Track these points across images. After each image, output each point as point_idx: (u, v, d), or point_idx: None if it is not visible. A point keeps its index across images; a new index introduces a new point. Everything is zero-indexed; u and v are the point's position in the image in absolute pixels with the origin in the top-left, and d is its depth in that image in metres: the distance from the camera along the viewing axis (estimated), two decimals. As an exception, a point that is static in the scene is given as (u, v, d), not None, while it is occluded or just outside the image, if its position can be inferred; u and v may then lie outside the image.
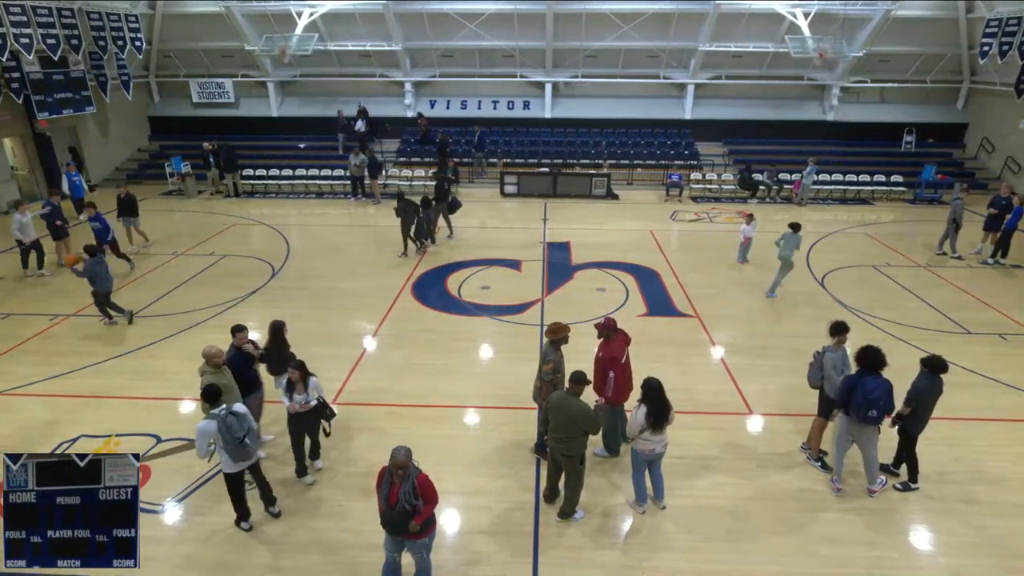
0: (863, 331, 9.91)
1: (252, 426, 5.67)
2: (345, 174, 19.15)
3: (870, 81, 21.30)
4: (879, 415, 6.00)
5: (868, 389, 5.89)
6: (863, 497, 6.45)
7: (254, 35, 20.57)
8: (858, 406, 5.97)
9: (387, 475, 4.72)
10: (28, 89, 16.74)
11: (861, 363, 6.05)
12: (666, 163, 20.94)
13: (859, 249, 14.58)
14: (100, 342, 9.74)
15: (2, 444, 7.18)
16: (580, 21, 19.84)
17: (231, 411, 5.49)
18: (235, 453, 5.50)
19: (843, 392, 6.12)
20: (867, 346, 6.09)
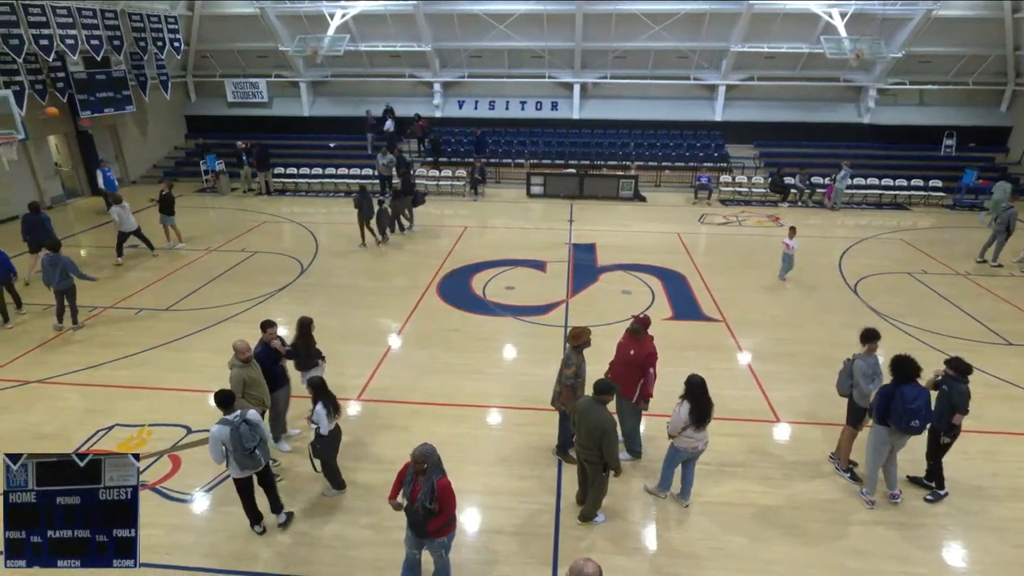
0: (896, 339, 9.64)
1: (264, 436, 5.65)
2: (374, 173, 19.37)
3: (909, 83, 20.70)
4: (921, 425, 5.85)
5: (908, 399, 5.72)
6: (893, 509, 6.28)
7: (287, 36, 20.97)
8: (899, 416, 5.79)
9: (410, 471, 4.76)
10: (72, 88, 17.38)
11: (896, 373, 5.88)
12: (695, 165, 20.68)
13: (894, 255, 14.19)
14: (135, 334, 10.02)
15: (41, 431, 7.47)
16: (610, 21, 19.73)
17: (245, 419, 5.46)
18: (243, 462, 5.50)
19: (880, 403, 5.95)
20: (900, 356, 5.93)
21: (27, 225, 12.07)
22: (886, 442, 6.09)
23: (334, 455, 6.34)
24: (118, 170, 20.08)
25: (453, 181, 20.06)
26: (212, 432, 5.44)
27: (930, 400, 5.86)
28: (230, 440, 5.40)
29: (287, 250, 14.32)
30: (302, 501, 6.39)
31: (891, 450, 6.16)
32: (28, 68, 15.98)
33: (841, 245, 14.84)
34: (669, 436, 6.06)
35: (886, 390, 5.92)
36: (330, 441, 6.19)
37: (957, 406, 6.07)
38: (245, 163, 19.96)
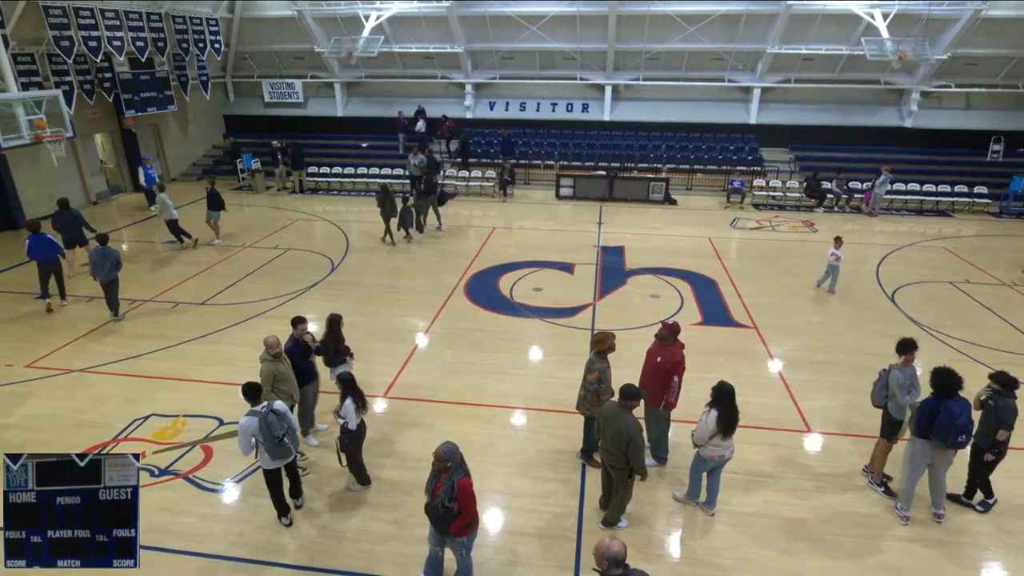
0: (936, 351, 9.32)
1: (292, 425, 5.77)
2: (405, 173, 19.57)
3: (954, 86, 19.99)
4: (967, 440, 5.66)
5: (955, 414, 5.51)
6: (930, 526, 6.07)
7: (323, 37, 21.35)
8: (945, 432, 5.58)
9: (434, 468, 4.81)
10: (118, 88, 18.02)
11: (938, 387, 5.67)
12: (728, 168, 20.35)
13: (935, 264, 13.72)
14: (173, 327, 10.32)
15: (82, 419, 7.75)
16: (643, 23, 19.56)
17: (272, 409, 5.57)
18: (273, 451, 5.61)
19: (923, 418, 5.73)
20: (941, 368, 5.72)
21: (61, 222, 12.05)
22: (926, 456, 5.89)
23: (359, 451, 6.42)
24: (159, 168, 20.74)
25: (482, 182, 20.14)
26: (241, 424, 5.56)
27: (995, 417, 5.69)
28: (259, 430, 5.52)
29: (318, 248, 14.57)
30: (328, 495, 6.49)
31: (931, 465, 5.96)
32: (77, 69, 16.64)
33: (879, 252, 14.42)
34: (695, 445, 5.97)
35: (929, 405, 5.71)
36: (356, 436, 6.28)
37: (1003, 422, 5.83)
38: (280, 162, 20.41)
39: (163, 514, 6.17)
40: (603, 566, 3.83)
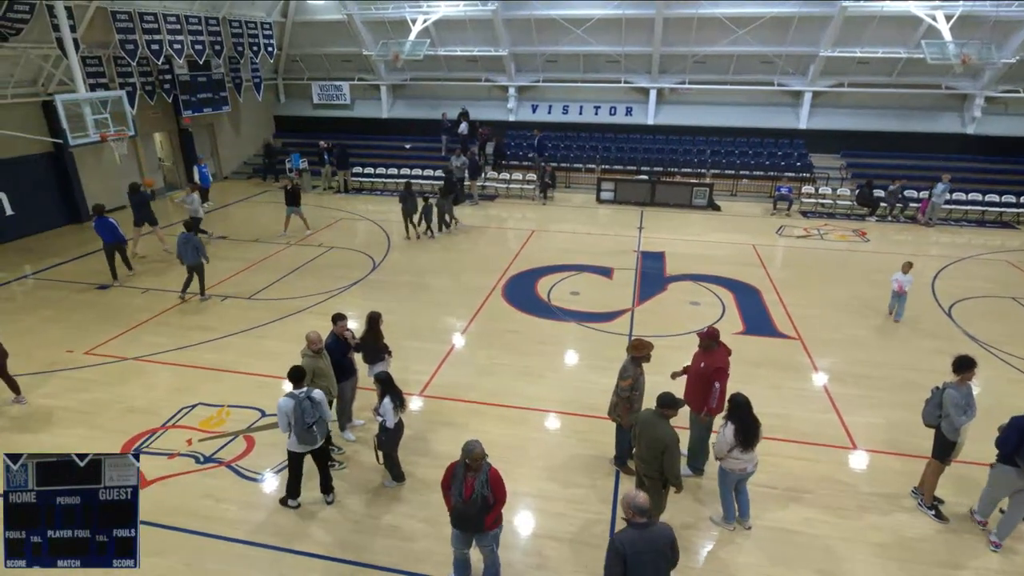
0: (997, 370, 8.85)
1: (325, 416, 5.99)
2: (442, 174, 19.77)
3: (1022, 91, 18.95)
4: None
5: None
6: (988, 558, 5.73)
7: (371, 41, 21.80)
8: None
9: (459, 469, 4.81)
10: (177, 90, 18.83)
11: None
12: (775, 175, 19.81)
13: (997, 278, 13.02)
14: (220, 320, 10.70)
15: (133, 405, 8.11)
16: (691, 25, 19.23)
17: (309, 396, 5.82)
18: (302, 436, 5.85)
19: (1012, 436, 5.43)
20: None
21: (132, 202, 13.70)
22: (1011, 484, 5.57)
23: (395, 448, 6.52)
24: (213, 166, 21.56)
25: (523, 184, 20.17)
26: (279, 404, 5.81)
27: None
28: (292, 413, 5.74)
29: (361, 246, 14.87)
30: (363, 490, 6.60)
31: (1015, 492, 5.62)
32: (140, 71, 17.48)
33: (935, 264, 13.78)
34: (716, 458, 5.85)
35: (1021, 422, 5.39)
36: (394, 434, 6.38)
37: None
38: (326, 162, 20.93)
39: (206, 500, 6.40)
40: (628, 514, 4.18)
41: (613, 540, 4.19)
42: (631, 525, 4.17)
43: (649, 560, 4.11)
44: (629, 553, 4.06)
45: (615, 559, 4.10)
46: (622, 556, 4.06)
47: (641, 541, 4.10)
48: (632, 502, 4.15)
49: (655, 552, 4.13)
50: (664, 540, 4.19)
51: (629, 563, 4.05)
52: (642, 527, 4.14)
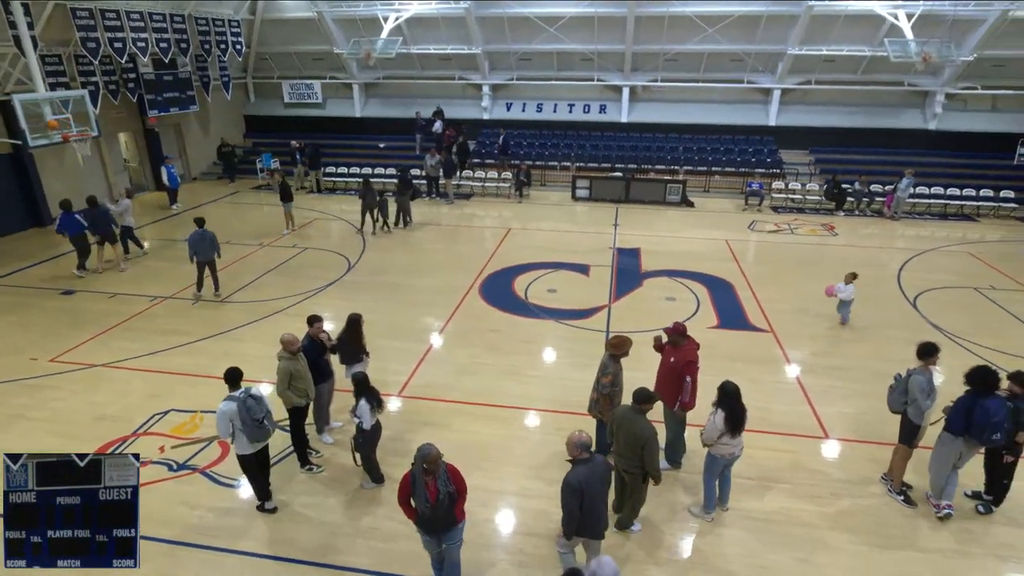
0: (960, 358, 9.13)
1: (269, 410, 5.93)
2: (421, 173, 19.67)
3: (980, 87, 19.58)
4: (1002, 438, 5.64)
5: (991, 412, 5.54)
6: (954, 537, 5.95)
7: (342, 39, 21.53)
8: (981, 430, 5.62)
9: (416, 476, 4.70)
10: (142, 89, 18.36)
11: (976, 385, 5.68)
12: (746, 171, 20.16)
13: (959, 269, 13.45)
14: (192, 324, 10.48)
15: (105, 411, 7.90)
16: (662, 24, 19.43)
17: (250, 394, 5.77)
18: (253, 433, 5.78)
19: (958, 416, 5.75)
20: (981, 367, 5.76)
21: (90, 218, 12.52)
22: (957, 451, 5.87)
23: (374, 450, 6.47)
24: (181, 167, 21.07)
25: (498, 183, 20.17)
26: (219, 409, 5.72)
27: (1008, 415, 5.64)
28: (238, 414, 5.67)
29: (335, 247, 14.70)
30: (342, 492, 6.55)
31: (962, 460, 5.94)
32: (103, 69, 16.98)
33: (900, 257, 14.18)
34: (704, 445, 5.94)
35: (965, 403, 5.71)
36: (371, 436, 6.32)
37: (1022, 424, 5.75)
38: (299, 162, 20.62)
39: (181, 507, 6.27)
40: (575, 452, 4.74)
41: (568, 480, 4.71)
42: (578, 462, 4.74)
43: (598, 490, 4.79)
44: (585, 487, 4.65)
45: (573, 495, 4.67)
46: (579, 491, 4.65)
47: (589, 474, 4.71)
48: (577, 441, 4.74)
49: (601, 481, 4.82)
50: (605, 469, 4.91)
51: (585, 495, 4.66)
52: (587, 462, 4.74)
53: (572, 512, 4.74)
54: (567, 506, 4.74)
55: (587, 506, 4.73)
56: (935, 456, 6.15)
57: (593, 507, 4.78)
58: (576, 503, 4.68)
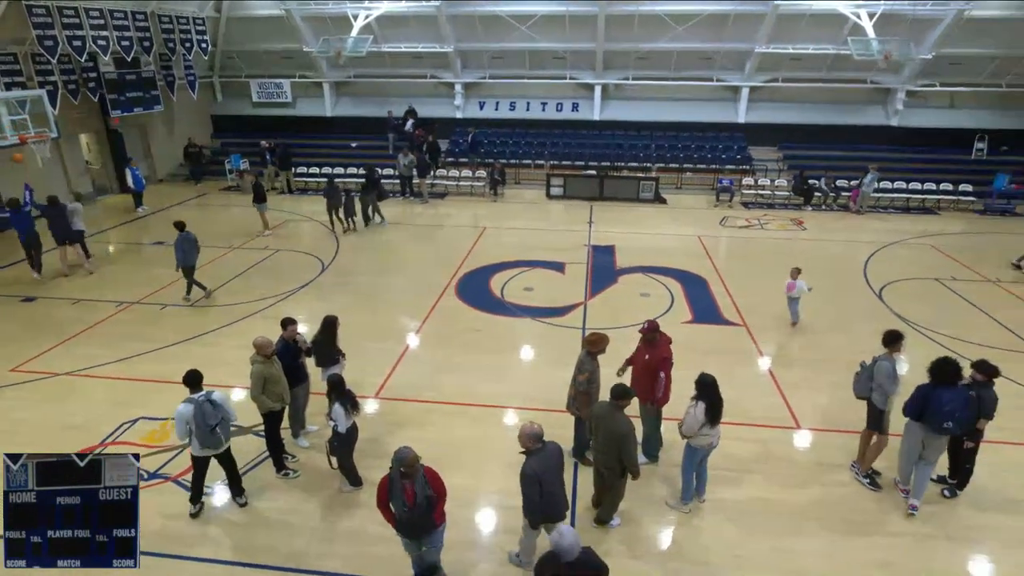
0: (925, 347, 9.43)
1: (227, 416, 5.87)
2: (395, 173, 19.50)
3: (939, 85, 20.22)
4: (955, 427, 5.79)
5: (944, 401, 5.70)
6: (922, 521, 6.13)
7: (312, 37, 21.22)
8: (932, 417, 5.78)
9: (395, 481, 4.65)
10: (103, 88, 17.82)
11: (935, 375, 5.84)
12: (717, 167, 20.48)
13: (922, 261, 13.88)
14: (161, 329, 10.22)
15: (70, 421, 7.66)
16: (632, 23, 19.61)
17: (209, 398, 5.69)
18: (204, 439, 5.72)
19: (915, 403, 5.91)
20: (943, 358, 5.91)
21: (51, 217, 12.32)
22: (919, 436, 6.02)
23: (350, 453, 6.40)
24: (146, 168, 20.51)
25: (473, 182, 20.12)
26: (177, 411, 5.69)
27: (968, 404, 5.80)
28: (193, 418, 5.61)
29: (308, 248, 14.49)
30: (319, 496, 6.46)
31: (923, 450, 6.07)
32: (61, 68, 16.43)
33: (866, 250, 14.56)
34: (684, 437, 6.02)
35: (923, 391, 5.87)
36: (347, 439, 6.25)
37: (983, 411, 5.96)
38: (269, 162, 20.26)
39: (154, 518, 6.11)
40: (529, 444, 4.83)
41: (525, 471, 4.83)
42: (532, 453, 4.85)
43: (554, 476, 4.95)
44: (541, 475, 4.80)
45: (532, 483, 4.80)
46: (536, 479, 4.79)
47: (544, 461, 4.86)
48: (529, 433, 4.84)
49: (556, 468, 4.98)
50: (559, 454, 5.01)
51: (543, 482, 4.80)
52: (540, 451, 4.86)
53: (533, 500, 4.88)
54: (528, 495, 4.89)
55: (546, 492, 4.87)
56: (901, 444, 6.33)
57: (552, 492, 4.94)
58: (536, 491, 4.82)
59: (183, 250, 10.93)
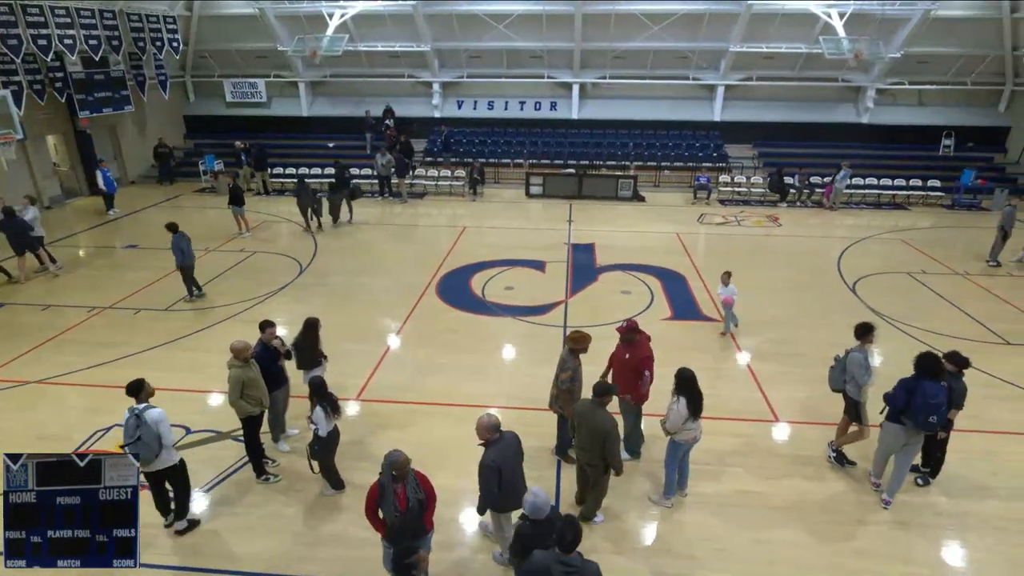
0: (897, 340, 9.65)
1: (164, 439, 5.50)
2: (373, 173, 19.36)
3: (907, 83, 20.72)
4: (938, 421, 5.88)
5: (929, 394, 5.75)
6: (896, 509, 6.28)
7: (286, 36, 20.94)
8: (918, 411, 5.82)
9: (386, 486, 4.57)
10: (71, 88, 17.35)
11: (920, 368, 5.91)
12: (694, 165, 20.71)
13: (893, 255, 14.20)
14: (135, 334, 10.00)
15: (42, 431, 7.46)
16: (609, 22, 19.73)
17: (136, 413, 5.38)
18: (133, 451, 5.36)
19: (900, 396, 5.95)
20: (927, 352, 6.00)
21: (9, 230, 11.85)
22: (899, 439, 6.09)
23: (331, 456, 6.34)
24: (116, 170, 20.05)
25: (452, 181, 20.06)
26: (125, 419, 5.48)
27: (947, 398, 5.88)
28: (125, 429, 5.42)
29: (285, 250, 14.31)
30: (301, 501, 6.39)
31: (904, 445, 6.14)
32: (26, 68, 15.96)
33: (840, 245, 14.85)
34: (668, 433, 6.07)
35: (908, 384, 5.91)
36: (328, 442, 6.19)
37: (954, 402, 6.12)
38: (244, 163, 19.93)
39: (129, 527, 5.98)
40: (487, 435, 4.91)
41: (484, 462, 4.90)
42: (490, 443, 4.93)
43: (513, 464, 5.05)
44: (501, 464, 4.87)
45: (492, 473, 4.86)
46: (496, 469, 4.86)
47: (503, 452, 4.94)
48: (487, 424, 4.90)
49: (515, 455, 5.07)
50: (517, 443, 5.11)
51: (502, 472, 4.87)
52: (498, 441, 4.94)
53: (491, 491, 4.95)
54: (486, 486, 4.94)
55: (505, 482, 4.94)
56: (879, 442, 6.42)
57: (511, 482, 5.02)
58: (496, 481, 4.88)
59: (181, 250, 10.84)
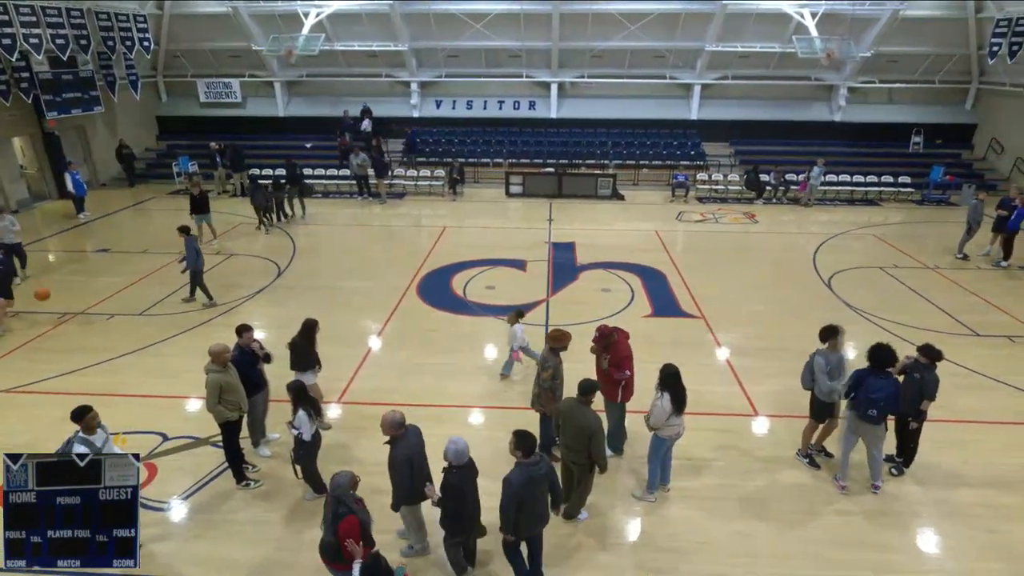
0: (871, 333, 9.85)
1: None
2: (350, 173, 19.17)
3: (878, 81, 21.17)
4: (879, 415, 6.04)
5: (871, 389, 5.97)
6: (871, 499, 6.42)
7: (261, 35, 20.65)
8: (859, 403, 6.08)
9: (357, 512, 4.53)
10: (37, 89, 16.90)
11: (869, 361, 6.10)
12: (672, 163, 20.90)
13: (866, 250, 14.50)
14: (109, 340, 9.79)
15: (13, 441, 7.23)
16: (586, 21, 19.81)
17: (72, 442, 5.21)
18: None
19: (850, 387, 6.19)
20: (878, 344, 6.14)
21: None
22: (853, 428, 6.29)
23: (314, 460, 6.27)
24: (86, 172, 19.58)
25: (431, 181, 19.98)
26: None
27: (896, 394, 6.05)
28: None
29: (263, 252, 14.11)
30: (282, 507, 6.32)
31: (857, 437, 6.33)
32: (-10, 68, 15.54)
33: (815, 241, 15.12)
34: (652, 429, 6.12)
35: (858, 375, 6.14)
36: (311, 447, 6.13)
37: (926, 393, 6.26)
38: (219, 164, 19.59)
39: (106, 537, 5.85)
40: (390, 432, 5.11)
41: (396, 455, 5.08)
42: (397, 439, 5.14)
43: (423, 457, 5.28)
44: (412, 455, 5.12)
45: (406, 465, 5.07)
46: (409, 461, 5.09)
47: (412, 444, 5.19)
48: (392, 421, 5.12)
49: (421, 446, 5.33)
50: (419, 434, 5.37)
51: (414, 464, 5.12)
52: (405, 436, 5.19)
53: (404, 485, 5.11)
54: (401, 480, 5.09)
55: (416, 474, 5.11)
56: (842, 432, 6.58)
57: (422, 471, 5.20)
58: (408, 474, 5.05)
59: (196, 250, 10.80)
